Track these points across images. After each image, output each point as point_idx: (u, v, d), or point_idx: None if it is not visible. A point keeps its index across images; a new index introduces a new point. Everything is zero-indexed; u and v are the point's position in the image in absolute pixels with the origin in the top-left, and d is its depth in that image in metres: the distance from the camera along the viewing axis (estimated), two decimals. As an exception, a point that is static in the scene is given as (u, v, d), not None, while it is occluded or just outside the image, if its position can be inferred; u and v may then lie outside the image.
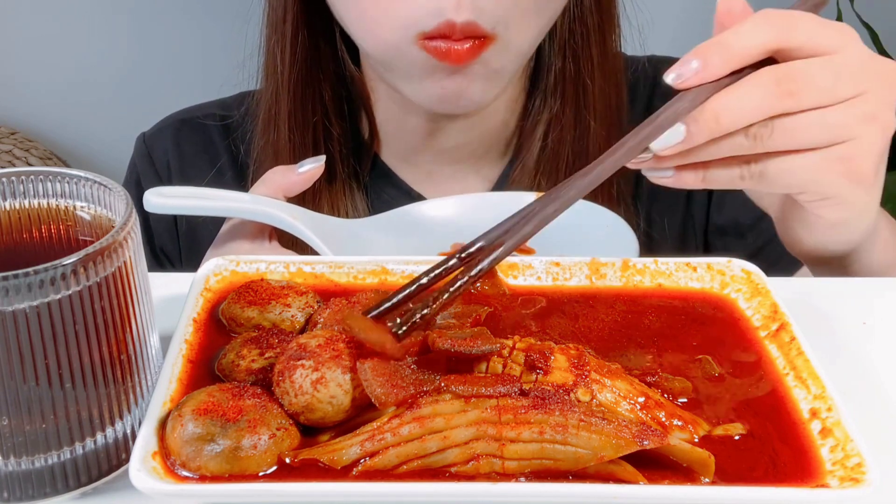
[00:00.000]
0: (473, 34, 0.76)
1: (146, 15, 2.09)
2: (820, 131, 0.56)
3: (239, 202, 0.76)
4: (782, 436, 0.48)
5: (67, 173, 0.51)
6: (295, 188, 0.79)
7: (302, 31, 0.88)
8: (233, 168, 0.97)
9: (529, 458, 0.45)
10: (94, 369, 0.46)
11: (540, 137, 0.91)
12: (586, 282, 0.60)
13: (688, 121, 0.54)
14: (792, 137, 0.56)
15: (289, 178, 0.78)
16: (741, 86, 0.55)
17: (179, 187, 0.78)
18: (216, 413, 0.46)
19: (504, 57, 0.80)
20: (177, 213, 0.77)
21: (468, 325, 0.52)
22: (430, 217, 0.83)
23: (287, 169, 0.79)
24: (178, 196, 0.76)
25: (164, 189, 0.76)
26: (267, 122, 0.91)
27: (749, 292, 0.58)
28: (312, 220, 0.77)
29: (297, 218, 0.76)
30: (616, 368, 0.50)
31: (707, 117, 0.54)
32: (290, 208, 0.77)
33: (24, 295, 0.43)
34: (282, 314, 0.55)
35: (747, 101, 0.54)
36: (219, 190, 0.77)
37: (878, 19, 2.15)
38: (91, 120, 2.16)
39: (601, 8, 0.89)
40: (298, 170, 0.78)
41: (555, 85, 0.90)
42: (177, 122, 1.00)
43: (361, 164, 0.94)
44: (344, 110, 0.93)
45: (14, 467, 0.46)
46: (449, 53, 0.76)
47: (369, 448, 0.45)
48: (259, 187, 0.78)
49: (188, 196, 0.76)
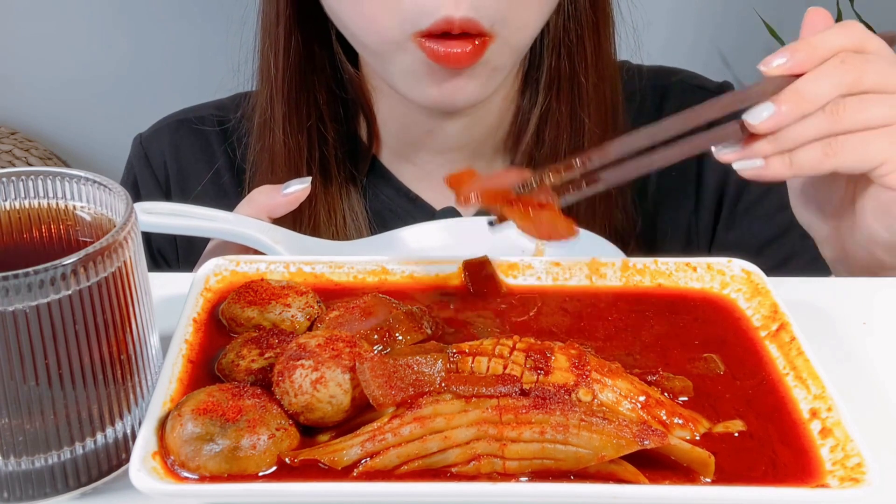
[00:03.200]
0: (472, 30, 0.76)
1: (146, 15, 2.09)
2: (887, 108, 0.64)
3: (222, 223, 0.76)
4: (782, 436, 0.48)
5: (67, 173, 0.51)
6: (279, 210, 0.78)
7: (295, 35, 0.87)
8: (230, 170, 0.97)
9: (530, 458, 0.45)
10: (94, 369, 0.46)
11: (534, 134, 0.91)
12: (586, 282, 0.60)
13: (774, 99, 0.61)
14: (862, 111, 0.63)
15: (274, 200, 0.78)
16: (817, 69, 0.63)
17: (165, 203, 0.78)
18: (216, 413, 0.46)
19: (503, 55, 0.80)
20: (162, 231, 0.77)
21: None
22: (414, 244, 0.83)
23: (272, 189, 0.79)
24: (163, 214, 0.76)
25: (150, 205, 0.76)
26: (262, 126, 0.91)
27: (749, 292, 0.58)
28: (294, 243, 0.77)
29: (278, 242, 0.76)
30: (616, 368, 0.50)
31: (790, 93, 0.62)
32: (272, 231, 0.77)
33: (24, 295, 0.43)
34: (282, 314, 0.55)
35: (823, 78, 0.62)
36: (204, 209, 0.77)
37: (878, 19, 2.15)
38: (91, 120, 2.16)
39: (596, 6, 0.89)
40: (283, 191, 0.78)
41: (549, 82, 0.90)
42: (173, 123, 1.00)
43: (358, 166, 0.94)
44: (340, 113, 0.92)
45: (14, 467, 0.46)
46: (448, 58, 0.76)
47: (370, 448, 0.45)
48: (244, 207, 0.79)
49: (173, 214, 0.76)
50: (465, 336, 0.54)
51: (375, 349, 0.51)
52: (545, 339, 0.52)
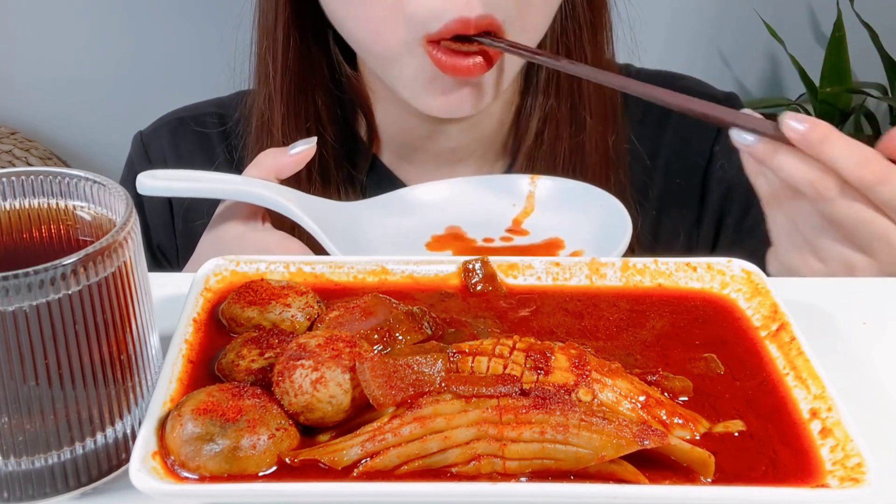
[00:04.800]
0: (490, 28, 0.75)
1: (146, 15, 2.09)
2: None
3: (231, 184, 0.76)
4: (782, 436, 0.48)
5: (67, 173, 0.51)
6: (287, 170, 0.78)
7: (293, 36, 0.87)
8: (230, 167, 0.97)
9: (530, 458, 0.45)
10: (94, 369, 0.46)
11: (535, 134, 0.91)
12: (586, 281, 0.60)
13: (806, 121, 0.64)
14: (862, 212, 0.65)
15: (280, 160, 0.78)
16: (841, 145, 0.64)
17: (172, 170, 0.78)
18: (216, 413, 0.46)
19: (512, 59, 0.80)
20: (170, 195, 0.77)
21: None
22: (424, 200, 0.83)
23: (279, 151, 0.79)
24: (171, 179, 0.76)
25: (157, 172, 0.76)
26: (260, 127, 0.91)
27: (749, 292, 0.58)
28: (304, 202, 0.77)
29: (289, 199, 0.76)
30: (616, 367, 0.50)
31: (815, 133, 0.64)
32: (282, 190, 0.77)
33: (24, 295, 0.43)
34: (282, 314, 0.55)
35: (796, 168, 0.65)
36: (211, 173, 0.77)
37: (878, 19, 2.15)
38: (91, 120, 2.16)
39: (592, 5, 0.89)
40: (290, 151, 0.78)
41: (547, 82, 0.90)
42: (174, 120, 1.00)
43: (357, 167, 0.94)
44: (338, 115, 0.92)
45: (14, 467, 0.46)
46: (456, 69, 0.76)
47: (370, 448, 0.45)
48: (251, 170, 0.78)
49: (180, 179, 0.76)
50: (465, 336, 0.54)
51: (375, 349, 0.51)
52: (545, 338, 0.52)
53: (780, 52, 2.25)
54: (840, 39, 2.17)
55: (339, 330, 0.52)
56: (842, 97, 2.21)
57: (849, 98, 2.24)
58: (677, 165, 0.98)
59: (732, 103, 0.99)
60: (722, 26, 2.26)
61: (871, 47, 2.16)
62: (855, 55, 2.19)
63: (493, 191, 0.83)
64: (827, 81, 2.20)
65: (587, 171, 0.91)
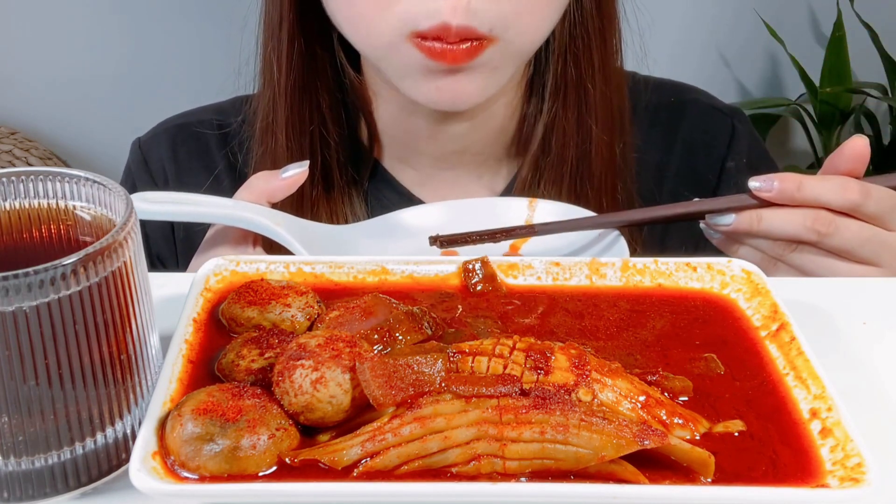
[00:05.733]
0: (469, 37, 0.76)
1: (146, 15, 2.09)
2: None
3: (222, 208, 0.76)
4: (782, 436, 0.48)
5: (67, 173, 0.51)
6: (278, 193, 0.78)
7: (298, 38, 0.87)
8: (230, 175, 0.96)
9: (530, 458, 0.45)
10: (94, 369, 0.46)
11: (540, 142, 0.91)
12: (586, 282, 0.60)
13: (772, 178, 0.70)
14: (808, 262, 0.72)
15: (272, 184, 0.78)
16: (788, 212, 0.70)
17: (164, 192, 0.78)
18: (216, 413, 0.46)
19: (503, 57, 0.80)
20: (161, 219, 0.76)
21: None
22: (418, 223, 0.83)
23: (271, 174, 0.79)
24: (162, 202, 0.75)
25: (149, 194, 0.76)
26: (264, 130, 0.91)
27: (749, 292, 0.58)
28: (295, 226, 0.77)
29: (279, 224, 0.76)
30: (616, 367, 0.50)
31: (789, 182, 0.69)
32: (272, 214, 0.77)
33: (24, 295, 0.43)
34: (282, 314, 0.55)
35: (787, 224, 0.70)
36: (203, 196, 0.77)
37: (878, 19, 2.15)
38: (91, 120, 2.16)
39: (602, 12, 0.89)
40: (282, 175, 0.78)
41: (555, 89, 0.90)
42: (172, 128, 1.00)
43: (360, 170, 0.94)
44: (342, 117, 0.92)
45: (14, 467, 0.46)
46: (445, 54, 0.76)
47: (370, 448, 0.45)
48: (243, 193, 0.78)
49: (172, 202, 0.75)
50: (465, 336, 0.54)
51: (375, 349, 0.51)
52: (545, 338, 0.52)
53: (780, 53, 2.25)
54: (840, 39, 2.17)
55: (339, 330, 0.52)
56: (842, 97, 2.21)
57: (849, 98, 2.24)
58: (686, 176, 0.98)
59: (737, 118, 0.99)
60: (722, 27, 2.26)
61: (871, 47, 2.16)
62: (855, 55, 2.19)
63: (490, 215, 0.82)
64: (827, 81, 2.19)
65: (594, 179, 0.90)
